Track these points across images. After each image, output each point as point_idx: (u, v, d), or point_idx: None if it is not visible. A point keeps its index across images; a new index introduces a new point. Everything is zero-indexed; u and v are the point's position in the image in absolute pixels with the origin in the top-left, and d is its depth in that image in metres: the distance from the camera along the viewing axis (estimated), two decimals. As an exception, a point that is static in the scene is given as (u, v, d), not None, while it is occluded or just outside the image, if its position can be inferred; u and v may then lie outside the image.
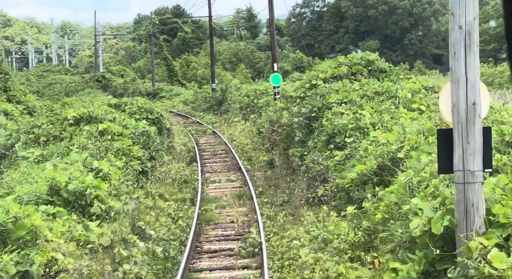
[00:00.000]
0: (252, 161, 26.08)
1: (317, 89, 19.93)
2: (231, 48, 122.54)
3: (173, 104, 59.13)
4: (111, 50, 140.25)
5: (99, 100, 37.59)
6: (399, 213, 11.02)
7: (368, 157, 15.06)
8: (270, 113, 28.69)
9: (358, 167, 14.48)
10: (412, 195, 10.99)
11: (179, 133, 37.18)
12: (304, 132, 19.21)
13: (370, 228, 12.02)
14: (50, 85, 71.27)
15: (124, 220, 14.52)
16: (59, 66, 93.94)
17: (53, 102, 56.82)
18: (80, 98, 54.64)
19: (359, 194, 13.74)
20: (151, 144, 21.71)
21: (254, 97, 38.42)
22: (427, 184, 10.80)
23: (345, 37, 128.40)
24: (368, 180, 14.17)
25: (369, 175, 14.15)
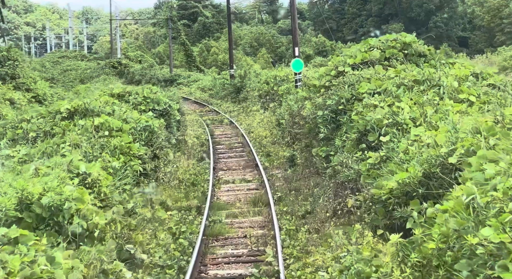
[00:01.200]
0: (270, 157, 23.13)
1: (345, 77, 16.89)
2: (252, 33, 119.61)
3: (191, 91, 56.25)
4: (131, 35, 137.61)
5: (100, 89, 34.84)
6: (462, 245, 8.06)
7: (411, 162, 12.10)
8: (291, 102, 25.70)
9: (399, 176, 11.51)
10: (478, 220, 8.08)
11: (193, 124, 34.29)
12: (330, 128, 16.20)
13: (421, 263, 9.06)
14: (65, 72, 68.66)
15: (110, 242, 11.67)
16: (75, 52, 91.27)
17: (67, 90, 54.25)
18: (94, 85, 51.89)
19: (402, 211, 10.77)
20: (154, 141, 18.82)
21: (274, 84, 35.40)
22: (500, 208, 7.85)
23: (368, 21, 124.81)
24: (412, 192, 11.21)
25: (413, 185, 11.19)
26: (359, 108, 15.39)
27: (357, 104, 15.74)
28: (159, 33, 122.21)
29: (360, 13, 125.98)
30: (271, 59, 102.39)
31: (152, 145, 18.76)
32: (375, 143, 13.94)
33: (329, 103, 16.36)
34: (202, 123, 34.73)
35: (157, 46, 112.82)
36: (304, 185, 17.58)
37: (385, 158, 13.29)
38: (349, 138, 14.80)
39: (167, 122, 23.34)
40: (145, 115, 22.17)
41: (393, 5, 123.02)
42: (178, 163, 21.26)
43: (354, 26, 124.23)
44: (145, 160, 17.84)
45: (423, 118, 13.80)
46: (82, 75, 64.96)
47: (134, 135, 18.43)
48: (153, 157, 18.68)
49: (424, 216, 10.00)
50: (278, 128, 26.55)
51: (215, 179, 20.39)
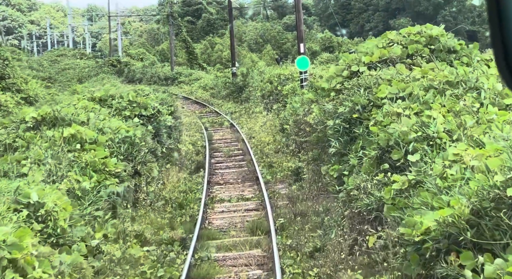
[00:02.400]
0: (273, 169, 20.12)
1: (360, 79, 13.86)
2: (257, 29, 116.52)
3: (192, 89, 53.25)
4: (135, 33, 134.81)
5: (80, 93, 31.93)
6: None
7: (452, 192, 9.18)
8: (296, 105, 22.73)
9: (438, 213, 8.57)
10: None
11: (190, 127, 31.31)
12: (343, 141, 13.17)
13: None
14: (63, 71, 65.70)
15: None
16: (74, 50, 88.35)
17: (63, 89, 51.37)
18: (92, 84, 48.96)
19: (448, 268, 7.81)
20: (136, 154, 15.85)
21: (278, 83, 32.35)
22: None
23: (375, 15, 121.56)
24: (458, 235, 8.29)
25: (459, 226, 8.28)
26: (379, 117, 12.39)
27: (375, 112, 12.74)
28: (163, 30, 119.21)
29: (366, 8, 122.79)
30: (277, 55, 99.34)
31: (133, 160, 15.80)
32: (400, 163, 10.96)
33: (341, 110, 13.35)
34: (200, 127, 31.73)
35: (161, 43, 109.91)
36: (312, 208, 14.54)
37: (414, 182, 10.35)
38: (367, 155, 11.78)
39: (156, 129, 20.37)
40: (129, 122, 19.28)
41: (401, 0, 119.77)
42: (167, 177, 18.27)
43: (361, 21, 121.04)
44: (123, 178, 14.91)
45: (461, 130, 10.82)
46: (80, 74, 61.95)
47: (112, 148, 15.50)
48: (134, 174, 15.72)
49: (482, 276, 7.20)
50: (282, 133, 23.55)
51: (208, 197, 17.40)
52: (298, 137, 20.47)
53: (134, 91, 27.78)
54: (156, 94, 27.98)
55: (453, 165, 9.94)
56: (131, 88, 36.52)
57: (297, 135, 20.92)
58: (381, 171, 11.18)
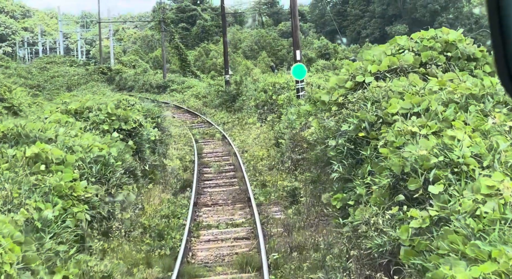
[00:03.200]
0: (267, 189, 18.13)
1: (366, 91, 11.88)
2: (252, 36, 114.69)
3: (184, 98, 51.18)
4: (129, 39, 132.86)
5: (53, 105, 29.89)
6: None
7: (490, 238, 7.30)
8: (292, 117, 20.78)
9: (479, 269, 6.68)
10: None
11: (180, 139, 29.29)
12: (347, 164, 11.16)
13: None
14: (52, 78, 63.50)
15: None
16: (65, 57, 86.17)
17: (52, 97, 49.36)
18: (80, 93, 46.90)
19: None
20: (110, 176, 13.84)
21: (272, 92, 30.36)
22: None
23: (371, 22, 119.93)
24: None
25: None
26: (390, 137, 10.42)
27: (385, 130, 10.77)
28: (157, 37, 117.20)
29: (363, 15, 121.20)
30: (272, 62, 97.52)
31: (106, 183, 13.79)
32: (419, 194, 9.00)
33: (345, 128, 11.36)
34: (190, 138, 29.71)
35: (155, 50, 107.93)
36: (311, 239, 12.52)
37: (437, 219, 8.44)
38: (377, 182, 9.80)
39: (138, 145, 18.36)
40: (107, 137, 17.29)
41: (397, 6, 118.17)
42: (148, 200, 16.25)
43: (357, 28, 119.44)
44: (94, 204, 12.91)
45: (493, 155, 8.88)
46: (69, 82, 59.79)
47: (82, 170, 13.49)
48: (107, 199, 13.69)
49: None
50: (276, 148, 21.55)
51: (194, 222, 15.39)
52: (294, 153, 18.50)
53: (118, 101, 25.82)
54: (142, 104, 25.97)
55: (487, 200, 8.02)
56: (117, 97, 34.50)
57: (293, 151, 18.95)
58: (395, 203, 9.21)
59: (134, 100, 26.06)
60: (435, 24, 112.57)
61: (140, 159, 18.32)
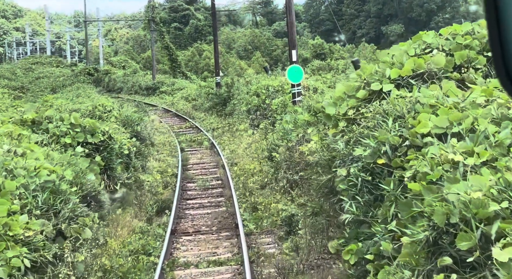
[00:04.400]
0: (258, 213, 15.23)
1: (385, 103, 9.02)
2: (246, 36, 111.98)
3: (173, 100, 48.24)
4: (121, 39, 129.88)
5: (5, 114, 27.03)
6: None
7: None
8: (287, 126, 17.96)
9: None
10: None
11: (164, 148, 26.40)
12: (363, 203, 8.29)
13: None
14: (37, 80, 60.38)
15: None
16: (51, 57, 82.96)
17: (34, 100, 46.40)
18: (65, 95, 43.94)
19: None
20: (61, 207, 10.94)
21: (266, 96, 27.48)
22: None
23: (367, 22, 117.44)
24: None
25: None
26: (421, 167, 7.59)
27: (414, 156, 7.92)
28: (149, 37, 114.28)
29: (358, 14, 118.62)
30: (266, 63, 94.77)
31: (56, 215, 10.90)
32: (475, 257, 6.17)
33: (358, 153, 8.49)
34: (175, 147, 26.81)
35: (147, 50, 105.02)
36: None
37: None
38: (409, 234, 6.95)
39: (107, 161, 15.48)
40: (69, 152, 14.45)
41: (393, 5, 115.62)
42: (115, 230, 13.34)
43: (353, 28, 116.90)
44: (37, 245, 10.04)
45: None
46: (54, 84, 56.77)
47: (24, 199, 10.60)
48: (56, 236, 10.82)
49: None
50: (269, 162, 18.68)
51: (168, 260, 12.51)
52: (291, 172, 15.64)
53: (93, 107, 22.95)
54: (120, 111, 23.10)
55: None
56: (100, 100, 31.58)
57: (288, 168, 16.09)
58: (438, 268, 6.38)
59: (111, 105, 23.26)
60: (431, 24, 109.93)
61: (110, 178, 15.44)
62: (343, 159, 9.31)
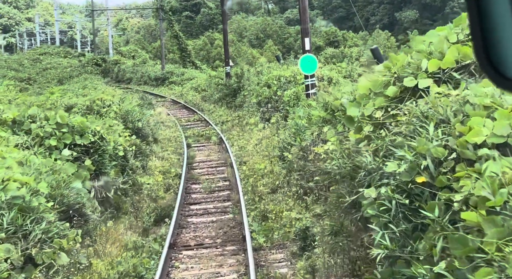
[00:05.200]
0: (268, 223, 13.37)
1: (421, 104, 7.12)
2: (258, 24, 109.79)
3: (182, 91, 46.38)
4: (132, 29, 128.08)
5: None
6: None
7: None
8: (301, 122, 16.09)
9: None
10: None
11: (169, 144, 24.58)
12: (399, 233, 6.41)
13: None
14: (44, 71, 58.68)
15: None
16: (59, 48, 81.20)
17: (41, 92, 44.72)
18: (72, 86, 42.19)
19: None
20: (31, 227, 9.13)
21: (277, 87, 25.57)
22: None
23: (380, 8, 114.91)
24: None
25: None
26: (478, 189, 5.71)
27: (465, 174, 6.03)
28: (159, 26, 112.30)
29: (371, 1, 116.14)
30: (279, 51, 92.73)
31: (25, 238, 9.10)
32: None
33: (391, 168, 6.59)
34: (181, 143, 24.97)
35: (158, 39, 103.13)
36: None
37: None
38: None
39: (98, 165, 13.66)
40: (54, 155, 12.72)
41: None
42: (102, 249, 11.50)
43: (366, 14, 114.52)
44: (0, 276, 8.29)
45: None
46: (61, 75, 55.02)
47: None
48: (25, 265, 9.00)
49: None
50: (281, 162, 16.80)
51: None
52: (304, 177, 13.77)
53: (91, 101, 21.16)
54: (120, 105, 21.30)
55: None
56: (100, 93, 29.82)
57: (302, 170, 14.21)
58: None
59: (111, 99, 21.43)
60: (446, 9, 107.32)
61: (103, 186, 13.61)
62: (370, 172, 7.43)
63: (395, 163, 6.64)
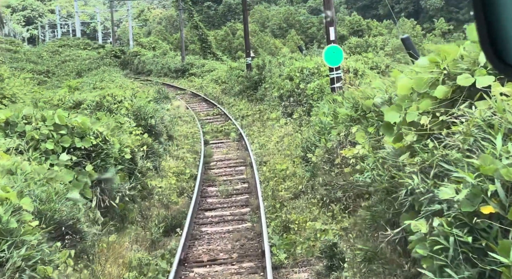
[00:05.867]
0: (290, 235, 11.86)
1: (480, 108, 5.56)
2: (280, 13, 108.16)
3: (203, 83, 44.92)
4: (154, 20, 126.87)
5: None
6: None
7: None
8: (326, 119, 14.58)
9: None
10: None
11: (185, 142, 23.14)
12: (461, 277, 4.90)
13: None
14: (63, 63, 57.51)
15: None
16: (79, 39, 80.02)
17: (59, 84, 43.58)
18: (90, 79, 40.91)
19: None
20: (9, 254, 7.69)
21: (300, 79, 23.98)
22: None
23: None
24: None
25: None
26: None
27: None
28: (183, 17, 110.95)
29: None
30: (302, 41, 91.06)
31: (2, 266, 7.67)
32: None
33: (448, 195, 5.04)
34: (199, 140, 23.52)
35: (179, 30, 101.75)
36: None
37: None
38: None
39: (101, 170, 12.23)
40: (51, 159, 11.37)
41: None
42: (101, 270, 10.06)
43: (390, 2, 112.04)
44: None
45: None
46: (80, 67, 53.83)
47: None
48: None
49: None
50: (304, 164, 15.26)
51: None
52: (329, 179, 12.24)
53: (101, 97, 19.78)
54: (132, 101, 19.89)
55: None
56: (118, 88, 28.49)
57: (328, 173, 12.68)
58: None
59: (123, 95, 20.04)
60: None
61: (104, 191, 12.20)
62: (415, 193, 5.88)
63: (452, 188, 5.09)
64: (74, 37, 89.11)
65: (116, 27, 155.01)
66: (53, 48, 69.33)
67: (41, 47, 78.93)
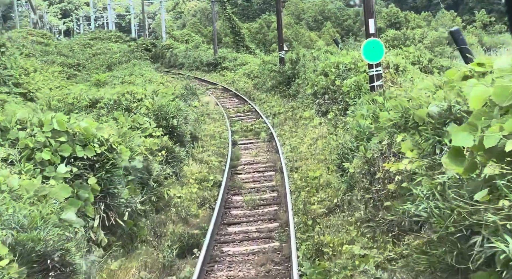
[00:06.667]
0: (323, 262, 10.09)
1: None
2: (316, 6, 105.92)
3: (235, 78, 43.24)
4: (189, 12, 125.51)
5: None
6: None
7: None
8: (364, 122, 12.79)
9: None
10: None
11: (211, 142, 21.47)
12: None
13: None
14: (94, 56, 56.28)
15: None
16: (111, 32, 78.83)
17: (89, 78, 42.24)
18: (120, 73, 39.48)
19: None
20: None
21: (335, 76, 22.11)
22: None
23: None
24: None
25: None
26: None
27: None
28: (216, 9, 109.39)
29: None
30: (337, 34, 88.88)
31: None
32: None
33: None
34: (226, 139, 21.83)
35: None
36: None
37: None
38: None
39: (106, 184, 10.57)
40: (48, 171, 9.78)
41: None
42: None
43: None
44: None
45: None
46: (110, 60, 52.48)
47: None
48: None
49: None
50: (340, 171, 13.44)
51: None
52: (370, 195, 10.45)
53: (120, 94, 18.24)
54: (154, 99, 18.28)
55: None
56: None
57: (367, 189, 10.87)
58: None
59: (143, 92, 18.44)
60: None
61: (109, 207, 10.55)
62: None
63: None
64: (106, 30, 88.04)
65: (151, 20, 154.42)
66: (85, 41, 68.25)
67: (72, 40, 78.01)
